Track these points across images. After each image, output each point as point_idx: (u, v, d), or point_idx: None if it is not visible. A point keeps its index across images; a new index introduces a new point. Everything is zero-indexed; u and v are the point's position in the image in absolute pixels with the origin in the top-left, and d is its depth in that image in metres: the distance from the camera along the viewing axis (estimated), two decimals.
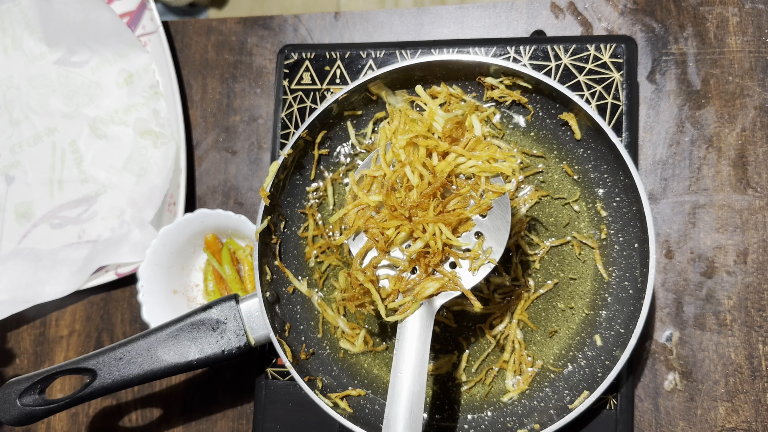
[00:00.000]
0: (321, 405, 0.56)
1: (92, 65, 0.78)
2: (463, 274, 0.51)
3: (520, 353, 0.58)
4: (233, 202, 0.74)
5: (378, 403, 0.60)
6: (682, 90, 0.66)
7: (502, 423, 0.57)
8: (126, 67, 0.76)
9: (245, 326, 0.58)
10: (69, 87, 0.78)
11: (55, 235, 0.77)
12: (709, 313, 0.63)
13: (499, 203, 0.51)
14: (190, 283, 0.72)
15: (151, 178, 0.74)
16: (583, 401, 0.53)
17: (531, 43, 0.61)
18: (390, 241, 0.51)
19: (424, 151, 0.51)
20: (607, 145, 0.55)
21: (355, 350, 0.60)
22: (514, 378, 0.58)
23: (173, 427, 0.72)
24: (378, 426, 0.57)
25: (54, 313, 0.77)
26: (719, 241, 0.64)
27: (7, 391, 0.58)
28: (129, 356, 0.58)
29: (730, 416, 0.62)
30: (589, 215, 0.58)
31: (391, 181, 0.51)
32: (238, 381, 0.71)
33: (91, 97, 0.77)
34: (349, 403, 0.59)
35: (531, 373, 0.58)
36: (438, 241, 0.50)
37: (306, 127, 0.58)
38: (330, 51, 0.65)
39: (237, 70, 0.76)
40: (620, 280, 0.57)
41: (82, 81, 0.77)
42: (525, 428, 0.55)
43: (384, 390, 0.60)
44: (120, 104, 0.77)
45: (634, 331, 0.52)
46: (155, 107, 0.75)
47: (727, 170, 0.65)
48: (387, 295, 0.52)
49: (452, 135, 0.51)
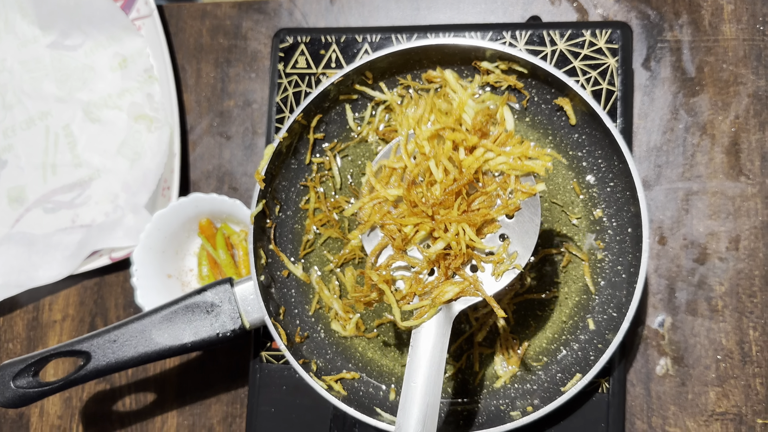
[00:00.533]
0: (315, 387, 0.56)
1: (86, 49, 0.77)
2: (486, 279, 0.48)
3: (506, 338, 0.58)
4: (228, 187, 0.74)
5: (372, 385, 0.60)
6: (677, 77, 0.67)
7: (495, 406, 0.57)
8: (120, 50, 0.76)
9: (240, 309, 0.58)
10: (62, 71, 0.77)
11: (49, 219, 0.76)
12: (701, 299, 0.64)
13: (528, 205, 0.48)
14: (185, 268, 0.72)
15: (145, 162, 0.74)
16: (575, 384, 0.54)
17: (527, 28, 0.61)
18: (408, 240, 0.48)
19: (450, 144, 0.48)
20: (601, 131, 0.55)
21: (345, 334, 0.60)
22: (502, 363, 0.59)
23: (167, 411, 0.73)
24: (372, 408, 0.57)
25: (47, 297, 0.77)
26: (712, 227, 0.64)
27: (0, 373, 0.58)
28: (123, 338, 0.58)
29: (720, 401, 0.62)
30: (582, 201, 0.59)
31: (412, 175, 0.48)
32: (232, 365, 0.71)
33: (84, 81, 0.77)
34: (344, 385, 0.59)
35: (519, 357, 0.58)
36: (461, 243, 0.47)
37: (301, 110, 0.58)
38: (325, 35, 0.65)
39: (231, 54, 0.75)
40: (613, 264, 0.57)
41: (75, 65, 0.77)
42: (518, 410, 0.55)
43: (378, 373, 0.61)
44: (114, 88, 0.76)
45: (627, 315, 0.53)
46: (149, 91, 0.74)
47: (720, 157, 0.65)
48: (402, 298, 0.49)
49: (482, 129, 0.48)
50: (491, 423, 0.55)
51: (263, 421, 0.63)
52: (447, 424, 0.56)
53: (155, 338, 0.57)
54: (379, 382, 0.60)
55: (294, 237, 0.63)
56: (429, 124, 0.52)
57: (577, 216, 0.59)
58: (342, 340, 0.62)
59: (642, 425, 0.63)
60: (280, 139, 0.58)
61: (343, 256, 0.61)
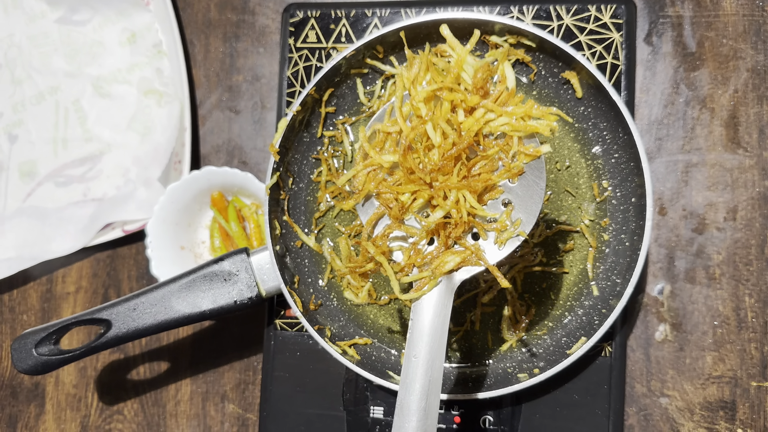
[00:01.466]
0: (331, 352, 0.58)
1: (94, 24, 0.78)
2: (488, 247, 0.46)
3: (513, 303, 0.60)
4: (237, 161, 0.75)
5: (383, 350, 0.62)
6: (678, 52, 0.68)
7: (502, 369, 0.60)
8: (128, 26, 0.76)
9: (256, 278, 0.60)
10: (71, 46, 0.78)
11: (60, 193, 0.77)
12: (700, 267, 0.66)
13: (532, 168, 0.45)
14: (197, 240, 0.73)
15: (155, 137, 0.75)
16: (581, 346, 0.56)
17: (534, 3, 0.62)
18: (405, 209, 0.46)
19: (449, 106, 0.44)
20: (607, 103, 0.57)
21: (358, 302, 0.61)
22: (510, 328, 0.61)
23: (181, 379, 0.75)
24: (384, 371, 0.59)
25: (60, 270, 0.78)
26: (710, 198, 0.67)
27: (23, 341, 0.60)
28: (143, 306, 0.59)
29: (716, 365, 0.65)
30: (587, 171, 0.61)
31: (408, 140, 0.45)
32: (245, 334, 0.73)
33: (93, 56, 0.77)
34: (357, 350, 0.61)
35: (525, 322, 0.60)
36: (462, 211, 0.44)
37: (314, 84, 0.59)
38: (335, 9, 0.66)
39: (240, 29, 0.76)
40: (617, 233, 0.59)
41: (84, 40, 0.77)
42: (525, 372, 0.58)
43: (389, 339, 0.63)
44: (123, 63, 0.77)
45: (631, 280, 0.55)
46: (159, 66, 0.75)
47: (719, 130, 0.67)
48: (400, 270, 0.47)
49: (483, 87, 0.44)
50: (499, 384, 0.57)
51: (278, 386, 0.65)
52: (456, 386, 0.59)
53: (174, 306, 0.59)
54: (390, 348, 0.62)
55: (306, 209, 0.64)
56: (425, 84, 0.47)
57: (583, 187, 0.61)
58: (354, 307, 0.64)
59: (641, 388, 0.66)
60: (294, 113, 0.59)
61: (354, 227, 0.63)
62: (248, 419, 0.73)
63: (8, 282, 0.79)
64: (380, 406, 0.63)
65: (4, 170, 0.79)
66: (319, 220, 0.65)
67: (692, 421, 0.65)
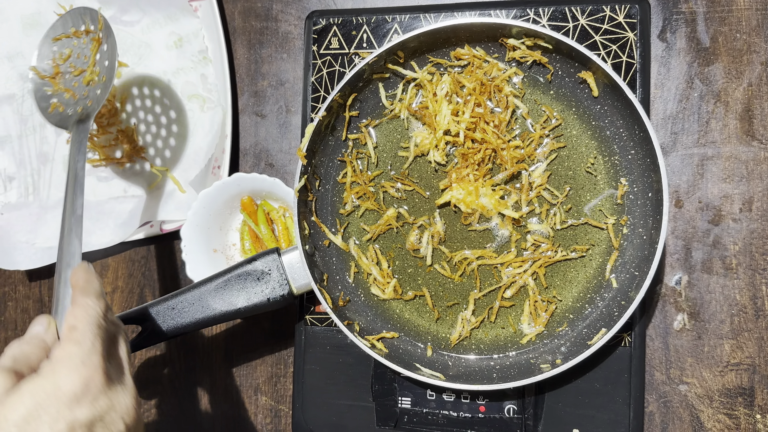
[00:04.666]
0: (360, 345, 0.61)
1: (143, 26, 0.80)
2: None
3: (534, 298, 0.63)
4: (264, 163, 0.78)
5: (410, 343, 0.65)
6: (692, 47, 0.70)
7: (525, 359, 0.62)
8: (176, 30, 0.78)
9: (288, 276, 0.63)
10: (119, 45, 0.80)
11: (102, 187, 0.81)
12: (716, 258, 0.68)
13: None
14: (228, 243, 0.76)
15: (196, 140, 0.77)
16: (601, 338, 0.58)
17: (550, 4, 0.64)
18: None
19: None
20: (623, 101, 0.59)
21: (385, 296, 0.65)
22: (530, 322, 0.63)
23: (215, 373, 0.78)
24: (412, 363, 0.62)
25: (97, 268, 0.82)
26: (726, 190, 0.68)
27: None
28: (181, 306, 0.63)
29: (734, 352, 0.67)
30: (605, 168, 0.63)
31: None
32: (276, 330, 0.76)
33: (140, 56, 0.80)
34: (384, 344, 0.64)
35: (545, 318, 0.62)
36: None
37: (338, 90, 0.62)
38: (356, 16, 0.68)
39: (263, 36, 0.79)
40: (635, 227, 0.61)
41: (132, 40, 0.80)
42: (547, 363, 0.60)
43: (414, 333, 0.65)
44: (169, 66, 0.79)
45: (649, 273, 0.57)
46: (203, 72, 0.78)
47: (733, 123, 0.68)
48: None
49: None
50: (523, 375, 0.60)
51: (309, 378, 0.68)
52: (482, 378, 0.61)
53: (211, 304, 0.62)
54: (416, 341, 0.65)
55: (333, 209, 0.67)
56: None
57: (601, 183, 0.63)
58: (380, 302, 0.66)
59: (661, 376, 0.68)
60: (320, 118, 0.62)
61: (378, 226, 0.66)
62: (280, 410, 0.76)
63: (47, 270, 0.82)
64: (407, 396, 0.66)
65: (50, 161, 0.82)
66: (344, 220, 0.67)
67: (711, 407, 0.67)
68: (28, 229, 0.79)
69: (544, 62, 0.62)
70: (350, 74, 0.62)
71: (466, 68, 0.63)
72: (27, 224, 0.80)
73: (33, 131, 0.82)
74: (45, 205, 0.81)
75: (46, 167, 0.82)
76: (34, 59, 0.72)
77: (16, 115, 0.82)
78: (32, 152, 0.82)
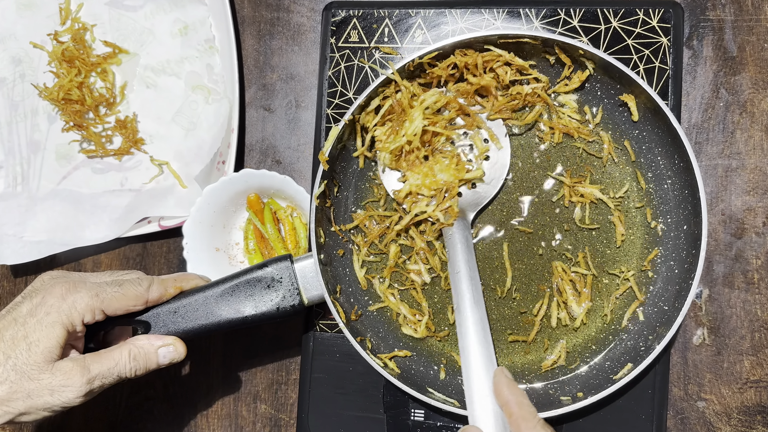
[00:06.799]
0: (373, 365, 0.58)
1: (146, 11, 0.76)
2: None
3: (569, 276, 0.60)
4: (271, 160, 0.75)
5: (422, 364, 0.62)
6: (719, 56, 0.68)
7: (544, 390, 0.59)
8: (181, 17, 0.74)
9: (299, 286, 0.59)
10: (120, 30, 0.76)
11: (97, 179, 0.76)
12: (738, 272, 0.66)
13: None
14: (231, 242, 0.72)
15: (200, 133, 0.73)
16: (626, 374, 0.56)
17: (582, 4, 0.62)
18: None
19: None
20: (664, 128, 0.56)
21: (419, 335, 0.62)
22: (579, 304, 0.60)
23: (212, 378, 0.74)
24: (423, 386, 0.59)
25: (89, 263, 0.77)
26: (749, 203, 0.67)
27: None
28: (184, 310, 0.59)
29: (754, 369, 0.65)
30: (638, 196, 0.60)
31: None
32: (278, 335, 0.73)
33: (142, 43, 0.75)
34: (397, 363, 0.61)
35: (588, 292, 0.60)
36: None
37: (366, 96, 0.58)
38: (378, 9, 0.65)
39: (274, 27, 0.75)
40: (666, 259, 0.59)
41: (134, 26, 0.76)
42: (568, 396, 0.57)
43: (428, 353, 0.63)
44: (173, 55, 0.75)
45: (682, 309, 0.55)
46: (209, 62, 0.74)
47: (759, 135, 0.67)
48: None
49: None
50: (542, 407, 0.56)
51: (317, 387, 0.65)
52: None
53: (216, 311, 0.59)
54: (429, 362, 0.62)
55: (350, 218, 0.64)
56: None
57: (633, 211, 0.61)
58: (392, 319, 0.63)
59: (679, 392, 0.66)
60: (346, 122, 0.58)
61: (390, 268, 0.63)
62: (281, 420, 0.73)
63: (34, 266, 0.78)
64: (421, 409, 0.63)
65: (41, 150, 0.77)
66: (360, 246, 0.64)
67: (729, 425, 0.65)
68: (15, 221, 0.75)
69: (583, 82, 0.59)
70: (376, 83, 0.58)
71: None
72: (14, 216, 0.75)
73: (24, 117, 0.77)
74: (34, 197, 0.76)
75: (37, 156, 0.77)
76: None
77: (6, 100, 0.77)
78: (22, 140, 0.77)
